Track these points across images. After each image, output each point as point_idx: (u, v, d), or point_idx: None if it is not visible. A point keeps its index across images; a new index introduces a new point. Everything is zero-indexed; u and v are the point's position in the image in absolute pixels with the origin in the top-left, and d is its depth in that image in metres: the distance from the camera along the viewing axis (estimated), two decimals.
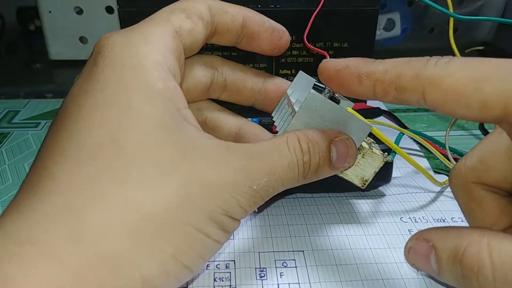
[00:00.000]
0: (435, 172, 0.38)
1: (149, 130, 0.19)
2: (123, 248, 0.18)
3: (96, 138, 0.19)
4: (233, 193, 0.20)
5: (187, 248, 0.19)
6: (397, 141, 0.36)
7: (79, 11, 0.57)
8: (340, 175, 0.27)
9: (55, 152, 0.19)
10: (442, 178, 0.34)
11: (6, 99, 0.54)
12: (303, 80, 0.28)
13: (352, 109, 0.25)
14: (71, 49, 0.59)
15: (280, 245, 0.29)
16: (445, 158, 0.35)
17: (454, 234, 0.19)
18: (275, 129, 0.28)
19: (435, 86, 0.18)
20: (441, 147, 0.38)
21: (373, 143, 0.28)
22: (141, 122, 0.19)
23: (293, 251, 0.28)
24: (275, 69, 0.40)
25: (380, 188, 0.35)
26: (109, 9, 0.57)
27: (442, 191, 0.35)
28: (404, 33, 0.62)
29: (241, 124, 0.29)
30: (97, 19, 0.57)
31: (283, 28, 0.27)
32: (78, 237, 0.17)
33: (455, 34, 0.37)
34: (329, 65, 0.22)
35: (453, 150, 0.39)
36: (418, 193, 0.34)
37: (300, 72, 0.28)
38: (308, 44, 0.32)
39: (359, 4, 0.38)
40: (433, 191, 0.35)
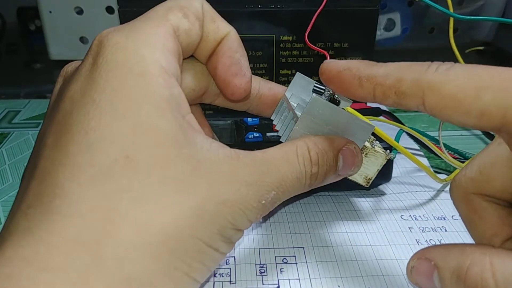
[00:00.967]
0: (435, 172, 0.38)
1: (162, 145, 0.19)
2: (142, 270, 0.18)
3: (110, 155, 0.19)
4: (243, 208, 0.20)
5: (199, 264, 0.20)
6: (397, 139, 0.36)
7: (80, 11, 0.57)
8: None
9: (66, 167, 0.18)
10: (442, 177, 0.34)
11: (7, 99, 0.55)
12: (301, 82, 0.28)
13: (353, 109, 0.25)
14: (72, 49, 0.59)
15: (280, 242, 0.29)
16: (441, 152, 0.35)
17: (456, 253, 0.19)
18: (275, 128, 0.28)
19: (435, 92, 0.18)
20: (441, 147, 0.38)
21: (375, 141, 0.28)
22: (154, 137, 0.19)
23: (293, 248, 0.28)
24: (275, 69, 0.40)
25: (380, 187, 0.35)
26: (110, 9, 0.57)
27: (442, 190, 0.35)
28: (404, 33, 0.62)
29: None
30: (98, 19, 0.57)
31: (247, 73, 0.25)
32: (99, 262, 0.17)
33: (455, 34, 0.38)
34: (330, 67, 0.22)
35: (454, 150, 0.39)
36: (418, 192, 0.35)
37: (298, 74, 0.28)
38: (309, 43, 0.32)
39: (359, 4, 0.38)
40: (433, 190, 0.35)
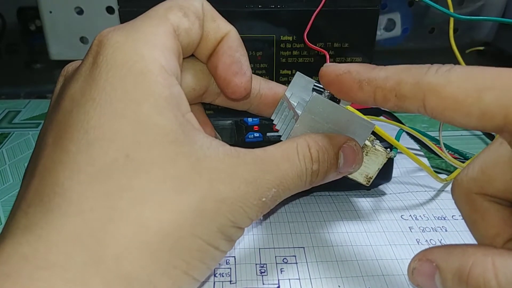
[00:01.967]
0: (436, 172, 0.38)
1: (162, 144, 0.19)
2: (141, 268, 0.18)
3: (110, 154, 0.19)
4: (244, 206, 0.20)
5: (198, 263, 0.20)
6: (397, 138, 0.36)
7: (80, 11, 0.57)
8: None
9: (66, 166, 0.19)
10: (443, 177, 0.34)
11: (7, 99, 0.54)
12: (301, 81, 0.28)
13: (353, 108, 0.25)
14: (72, 49, 0.59)
15: (281, 242, 0.29)
16: (442, 152, 0.35)
17: (458, 254, 0.19)
18: (275, 128, 0.28)
19: (435, 94, 0.18)
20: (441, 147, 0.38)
21: (375, 140, 0.28)
22: (153, 136, 0.19)
23: (294, 248, 0.28)
24: (276, 69, 0.41)
25: (381, 187, 0.35)
26: (110, 9, 0.57)
27: (443, 190, 0.35)
28: (405, 33, 0.62)
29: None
30: (98, 19, 0.57)
31: (247, 72, 0.25)
32: (98, 260, 0.17)
33: (456, 34, 0.38)
34: (330, 70, 0.22)
35: (454, 150, 0.39)
36: (419, 192, 0.35)
37: (298, 73, 0.28)
38: (308, 43, 0.32)
39: (360, 4, 0.38)
40: (434, 190, 0.35)
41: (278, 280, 0.26)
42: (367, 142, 0.26)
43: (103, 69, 0.20)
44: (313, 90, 0.25)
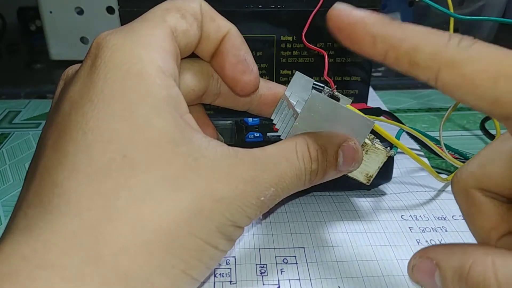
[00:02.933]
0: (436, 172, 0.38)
1: (159, 144, 0.19)
2: (138, 267, 0.18)
3: (107, 154, 0.19)
4: (242, 205, 0.20)
5: (197, 262, 0.20)
6: (397, 138, 0.36)
7: (80, 11, 0.57)
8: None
9: (64, 167, 0.19)
10: (443, 177, 0.34)
11: (7, 99, 0.54)
12: (301, 81, 0.28)
13: (353, 108, 0.25)
14: (72, 50, 0.59)
15: (281, 242, 0.29)
16: (442, 152, 0.35)
17: (458, 252, 0.19)
18: (275, 128, 0.28)
19: (452, 71, 0.17)
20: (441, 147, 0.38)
21: (375, 139, 0.28)
22: (150, 136, 0.19)
23: (294, 248, 0.28)
24: (276, 69, 0.40)
25: (381, 187, 0.35)
26: (110, 10, 0.57)
27: (443, 190, 0.35)
28: None
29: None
30: (98, 20, 0.57)
31: (254, 68, 0.26)
32: (96, 259, 0.18)
33: None
34: (342, 14, 0.19)
35: (454, 150, 0.39)
36: (419, 192, 0.34)
37: (297, 73, 0.28)
38: (307, 43, 0.32)
39: (360, 4, 0.38)
40: (434, 190, 0.35)
41: (278, 281, 0.26)
42: (367, 141, 0.26)
43: (101, 71, 0.20)
44: (313, 89, 0.25)
